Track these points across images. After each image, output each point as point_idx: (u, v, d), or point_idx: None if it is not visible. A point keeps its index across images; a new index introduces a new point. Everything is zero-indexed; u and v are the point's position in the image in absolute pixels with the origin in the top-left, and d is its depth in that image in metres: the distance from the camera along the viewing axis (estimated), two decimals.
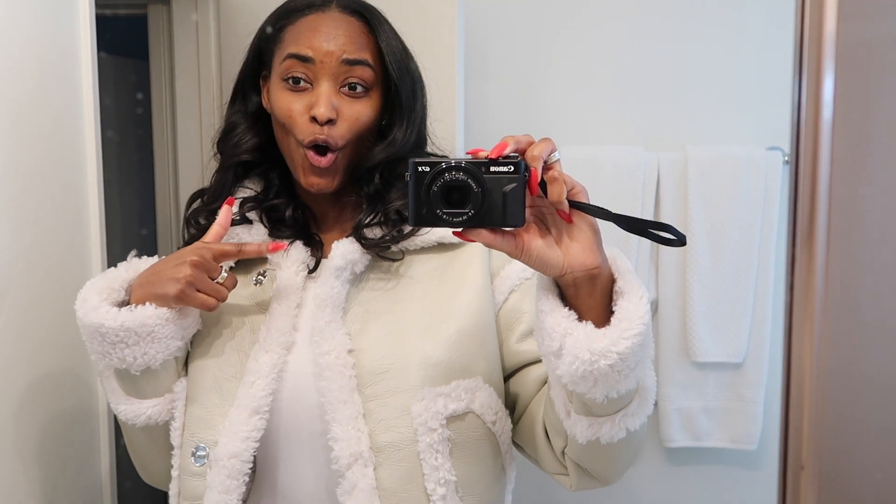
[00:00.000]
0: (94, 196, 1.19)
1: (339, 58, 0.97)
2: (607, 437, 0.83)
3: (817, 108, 1.82)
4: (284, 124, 0.99)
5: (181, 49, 1.76)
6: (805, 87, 1.88)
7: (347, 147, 0.99)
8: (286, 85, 0.98)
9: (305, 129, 0.97)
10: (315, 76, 0.98)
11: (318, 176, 0.98)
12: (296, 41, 0.99)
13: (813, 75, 1.86)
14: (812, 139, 1.81)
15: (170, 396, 1.00)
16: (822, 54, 1.85)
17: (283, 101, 0.98)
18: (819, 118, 1.82)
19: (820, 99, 1.86)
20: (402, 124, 1.02)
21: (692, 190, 1.78)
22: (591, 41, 1.85)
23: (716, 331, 1.79)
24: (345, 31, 0.99)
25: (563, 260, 0.76)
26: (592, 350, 0.75)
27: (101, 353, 0.94)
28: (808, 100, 1.86)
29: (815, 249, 1.80)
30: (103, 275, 0.98)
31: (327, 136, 0.97)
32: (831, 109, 1.82)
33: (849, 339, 1.92)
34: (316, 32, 0.98)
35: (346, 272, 0.98)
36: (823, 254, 1.82)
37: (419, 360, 0.94)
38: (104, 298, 0.94)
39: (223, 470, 0.92)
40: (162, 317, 0.92)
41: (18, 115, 1.04)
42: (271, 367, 0.95)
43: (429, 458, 0.91)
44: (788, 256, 1.93)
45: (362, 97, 0.99)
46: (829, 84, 1.88)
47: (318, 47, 0.97)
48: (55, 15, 1.12)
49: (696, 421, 1.83)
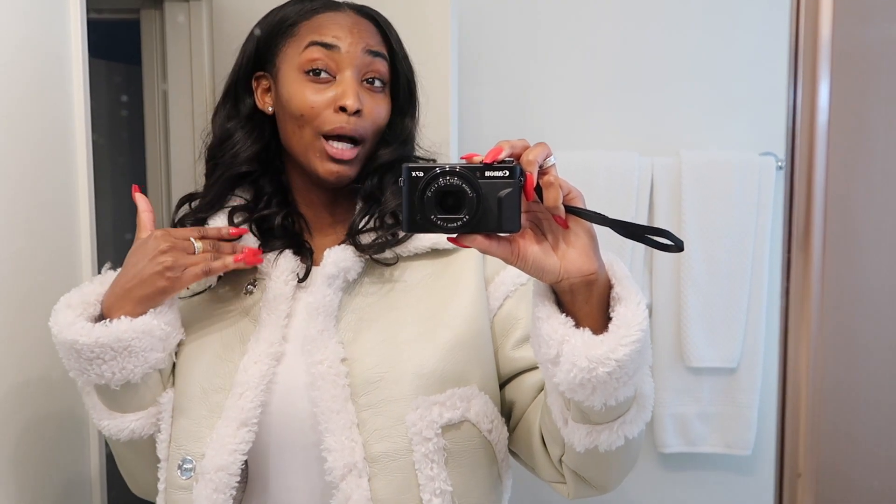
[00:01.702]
0: (85, 200, 1.18)
1: (363, 48, 0.98)
2: (605, 445, 0.82)
3: (813, 112, 1.83)
4: (303, 116, 0.97)
5: (173, 53, 1.75)
6: (800, 92, 1.88)
7: (368, 142, 0.99)
8: (307, 77, 0.97)
9: (330, 119, 0.96)
10: (338, 66, 0.97)
11: (338, 164, 0.97)
12: (317, 31, 0.98)
13: (808, 80, 1.87)
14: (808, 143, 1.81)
15: (153, 409, 0.98)
16: (818, 59, 1.86)
17: (301, 93, 0.97)
18: (815, 122, 1.83)
19: (815, 103, 1.88)
20: (413, 123, 1.04)
21: (686, 195, 1.78)
22: (586, 46, 1.85)
23: (710, 336, 1.79)
24: (363, 26, 1.00)
25: (560, 266, 0.75)
26: (590, 357, 0.74)
27: (79, 370, 0.93)
28: (804, 104, 1.87)
29: (810, 254, 1.81)
30: (77, 289, 0.96)
31: (355, 127, 0.96)
32: (827, 114, 1.83)
33: (845, 346, 1.92)
34: (337, 25, 0.99)
35: (338, 280, 0.97)
36: (819, 258, 1.82)
37: (413, 368, 0.93)
38: (79, 314, 0.92)
39: (210, 483, 0.90)
40: (138, 329, 0.91)
41: (9, 119, 1.03)
42: (260, 379, 0.93)
43: (424, 468, 0.90)
44: (784, 261, 1.94)
45: (380, 93, 1.00)
46: (824, 88, 1.89)
47: (342, 37, 0.98)
48: (46, 19, 1.11)
49: (690, 426, 1.82)
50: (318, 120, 0.96)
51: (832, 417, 1.87)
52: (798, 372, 1.86)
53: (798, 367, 1.86)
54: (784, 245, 1.85)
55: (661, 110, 1.85)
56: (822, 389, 1.85)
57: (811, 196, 1.82)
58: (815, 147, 1.82)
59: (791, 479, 1.86)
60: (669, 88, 1.84)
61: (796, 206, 1.84)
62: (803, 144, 1.82)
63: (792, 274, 1.85)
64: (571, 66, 1.86)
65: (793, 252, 1.84)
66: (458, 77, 1.57)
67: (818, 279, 1.84)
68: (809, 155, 1.81)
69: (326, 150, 0.97)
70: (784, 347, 1.86)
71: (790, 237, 1.85)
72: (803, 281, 1.85)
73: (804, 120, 1.81)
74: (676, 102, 1.84)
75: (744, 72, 1.83)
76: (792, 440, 1.87)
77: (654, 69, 1.84)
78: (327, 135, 0.97)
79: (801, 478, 1.91)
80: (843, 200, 1.82)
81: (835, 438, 1.87)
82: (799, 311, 1.85)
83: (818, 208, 1.83)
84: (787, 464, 1.86)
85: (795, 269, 1.84)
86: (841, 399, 1.88)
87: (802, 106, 1.81)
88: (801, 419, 1.86)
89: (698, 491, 1.89)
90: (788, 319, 1.85)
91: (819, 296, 1.85)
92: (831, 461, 1.88)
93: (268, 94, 1.03)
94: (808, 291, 1.85)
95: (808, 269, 1.83)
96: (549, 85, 1.86)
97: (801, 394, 1.85)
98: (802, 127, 1.81)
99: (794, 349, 1.86)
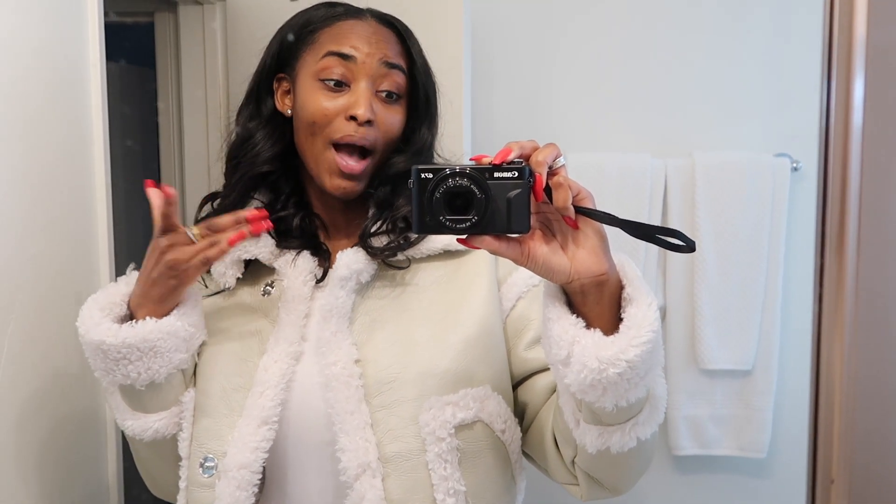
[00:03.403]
0: (103, 203, 1.19)
1: (380, 59, 0.98)
2: (617, 446, 0.82)
3: (847, 112, 1.79)
4: (315, 123, 0.98)
5: (188, 56, 1.77)
6: (834, 92, 1.84)
7: (378, 153, 0.99)
8: (322, 85, 0.98)
9: (341, 127, 0.97)
10: (354, 76, 0.98)
11: (346, 179, 0.98)
12: (336, 41, 0.99)
13: (843, 80, 1.83)
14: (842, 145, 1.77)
15: (176, 409, 0.99)
16: (853, 58, 1.82)
17: (316, 101, 0.98)
18: (849, 123, 1.78)
19: (850, 104, 1.83)
20: (431, 134, 1.04)
21: (700, 197, 1.77)
22: (598, 48, 1.85)
23: (724, 338, 1.78)
24: (383, 37, 1.01)
25: (570, 267, 0.75)
26: (601, 358, 0.74)
27: (105, 370, 0.94)
28: (838, 105, 1.83)
29: (844, 258, 1.77)
30: (104, 290, 0.97)
31: (364, 136, 0.97)
32: (861, 114, 1.79)
33: (879, 350, 1.89)
34: (356, 34, 0.99)
35: (351, 282, 0.98)
36: (853, 262, 1.78)
37: (426, 369, 0.93)
38: (106, 314, 0.93)
39: (232, 481, 0.91)
40: (164, 330, 0.92)
41: (28, 123, 1.04)
42: (280, 377, 0.94)
43: (437, 468, 0.90)
44: (816, 265, 1.90)
45: (395, 105, 1.00)
46: (859, 88, 1.86)
47: (360, 47, 0.98)
48: (64, 24, 1.12)
49: (704, 429, 1.82)
50: (329, 128, 0.97)
51: (866, 422, 1.84)
52: (832, 376, 1.82)
53: (832, 371, 1.82)
54: (816, 249, 1.82)
55: (674, 111, 1.84)
56: (855, 394, 1.82)
57: (845, 199, 1.78)
58: (850, 148, 1.78)
59: (824, 485, 1.83)
60: (682, 89, 1.84)
61: (830, 207, 1.80)
62: (837, 145, 1.78)
63: (825, 277, 1.81)
64: (583, 67, 1.85)
65: (826, 255, 1.81)
66: (470, 79, 1.58)
67: (853, 283, 1.81)
68: (843, 156, 1.76)
69: (337, 163, 0.97)
70: (817, 351, 1.83)
71: (823, 240, 1.81)
72: (837, 285, 1.81)
73: (838, 120, 1.77)
74: (689, 103, 1.84)
75: (756, 73, 1.82)
76: (825, 446, 1.83)
77: (666, 70, 1.84)
78: (337, 143, 0.97)
79: (833, 484, 1.88)
80: (878, 201, 1.78)
81: (869, 444, 1.84)
82: (833, 314, 1.81)
83: (852, 210, 1.79)
84: (820, 470, 1.83)
85: (829, 272, 1.81)
86: (875, 403, 1.85)
87: (836, 106, 1.77)
88: (835, 424, 1.82)
89: (712, 494, 1.88)
90: (822, 324, 1.82)
91: (853, 300, 1.81)
92: (865, 466, 1.86)
93: (287, 97, 1.04)
94: (843, 295, 1.82)
95: (843, 273, 1.80)
96: (561, 86, 1.86)
97: (835, 398, 1.82)
98: (836, 127, 1.77)
99: (827, 352, 1.83)
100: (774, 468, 1.85)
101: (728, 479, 1.87)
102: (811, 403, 1.85)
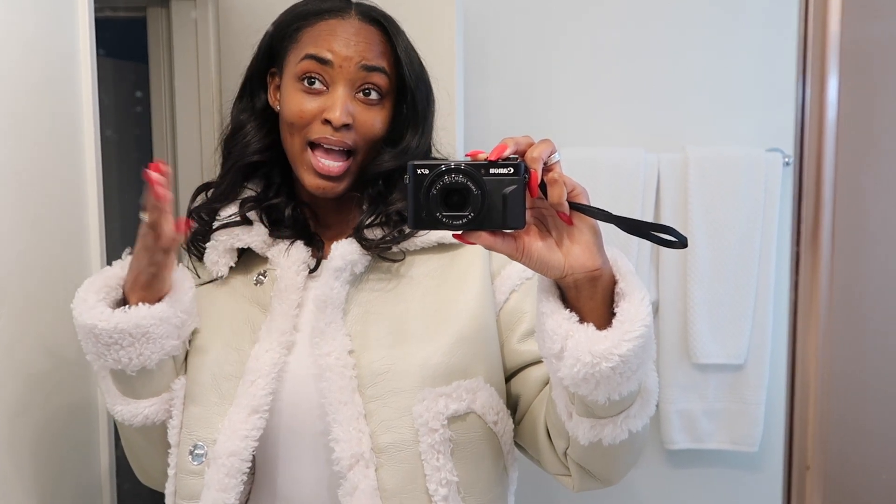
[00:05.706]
0: (94, 197, 1.19)
1: (358, 63, 0.98)
2: (609, 438, 0.83)
3: (822, 108, 1.81)
4: (294, 123, 0.98)
5: (180, 51, 1.76)
6: (809, 88, 1.87)
7: (359, 153, 0.99)
8: (301, 85, 0.98)
9: (318, 129, 0.97)
10: (332, 79, 0.98)
11: (323, 179, 0.98)
12: (315, 43, 0.99)
13: (817, 76, 1.85)
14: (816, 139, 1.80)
15: (167, 396, 0.99)
16: (827, 55, 1.84)
17: (295, 101, 0.98)
18: (823, 118, 1.81)
19: (824, 99, 1.86)
20: (416, 133, 1.03)
21: (692, 191, 1.78)
22: (592, 42, 1.85)
23: (717, 332, 1.79)
24: (364, 37, 0.99)
25: (564, 262, 0.76)
26: (594, 352, 0.75)
27: (96, 354, 0.94)
28: (813, 100, 1.86)
29: (819, 250, 1.80)
30: (100, 273, 0.97)
31: (341, 140, 0.97)
32: (836, 110, 1.82)
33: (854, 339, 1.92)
34: (336, 36, 0.98)
35: (345, 273, 0.98)
36: (828, 254, 1.81)
37: (420, 360, 0.94)
38: (101, 298, 0.93)
39: (221, 468, 0.92)
40: (156, 316, 0.92)
41: (18, 117, 1.04)
42: (272, 367, 0.94)
43: (430, 459, 0.91)
44: (792, 257, 1.93)
45: (376, 104, 1.00)
46: (833, 84, 1.88)
47: (338, 51, 0.97)
48: (55, 18, 1.11)
49: (696, 423, 1.82)
50: (307, 129, 0.98)
51: (841, 410, 1.86)
52: (806, 365, 1.85)
53: (806, 360, 1.85)
54: (792, 240, 1.84)
55: (667, 107, 1.84)
56: (830, 382, 1.85)
57: (820, 191, 1.81)
58: (825, 142, 1.81)
59: (800, 471, 1.85)
60: (675, 84, 1.84)
61: (805, 200, 1.83)
62: (812, 140, 1.81)
63: (801, 268, 1.84)
64: (577, 62, 1.86)
65: (801, 247, 1.83)
66: (464, 74, 1.58)
67: (827, 274, 1.83)
68: (818, 150, 1.80)
69: (313, 164, 0.98)
70: (793, 341, 1.86)
71: (799, 232, 1.84)
72: (812, 275, 1.84)
73: (812, 115, 1.80)
74: (682, 98, 1.84)
75: (750, 68, 1.82)
76: (800, 433, 1.86)
77: (660, 65, 1.84)
78: (313, 143, 0.98)
79: (809, 471, 1.91)
80: (852, 195, 1.81)
81: (843, 431, 1.87)
82: (808, 304, 1.84)
83: (827, 203, 1.82)
84: (796, 457, 1.86)
85: (804, 263, 1.84)
86: (849, 392, 1.87)
87: (811, 101, 1.80)
88: (810, 412, 1.85)
89: (704, 487, 1.89)
90: (797, 313, 1.85)
91: (828, 290, 1.84)
92: (840, 454, 1.88)
93: (278, 92, 1.04)
94: (817, 286, 1.84)
95: (817, 264, 1.82)
96: (554, 82, 1.86)
97: (810, 387, 1.85)
98: (811, 122, 1.80)
99: (802, 342, 1.85)
100: (766, 462, 1.86)
101: (720, 472, 1.88)
102: (787, 393, 1.87)
